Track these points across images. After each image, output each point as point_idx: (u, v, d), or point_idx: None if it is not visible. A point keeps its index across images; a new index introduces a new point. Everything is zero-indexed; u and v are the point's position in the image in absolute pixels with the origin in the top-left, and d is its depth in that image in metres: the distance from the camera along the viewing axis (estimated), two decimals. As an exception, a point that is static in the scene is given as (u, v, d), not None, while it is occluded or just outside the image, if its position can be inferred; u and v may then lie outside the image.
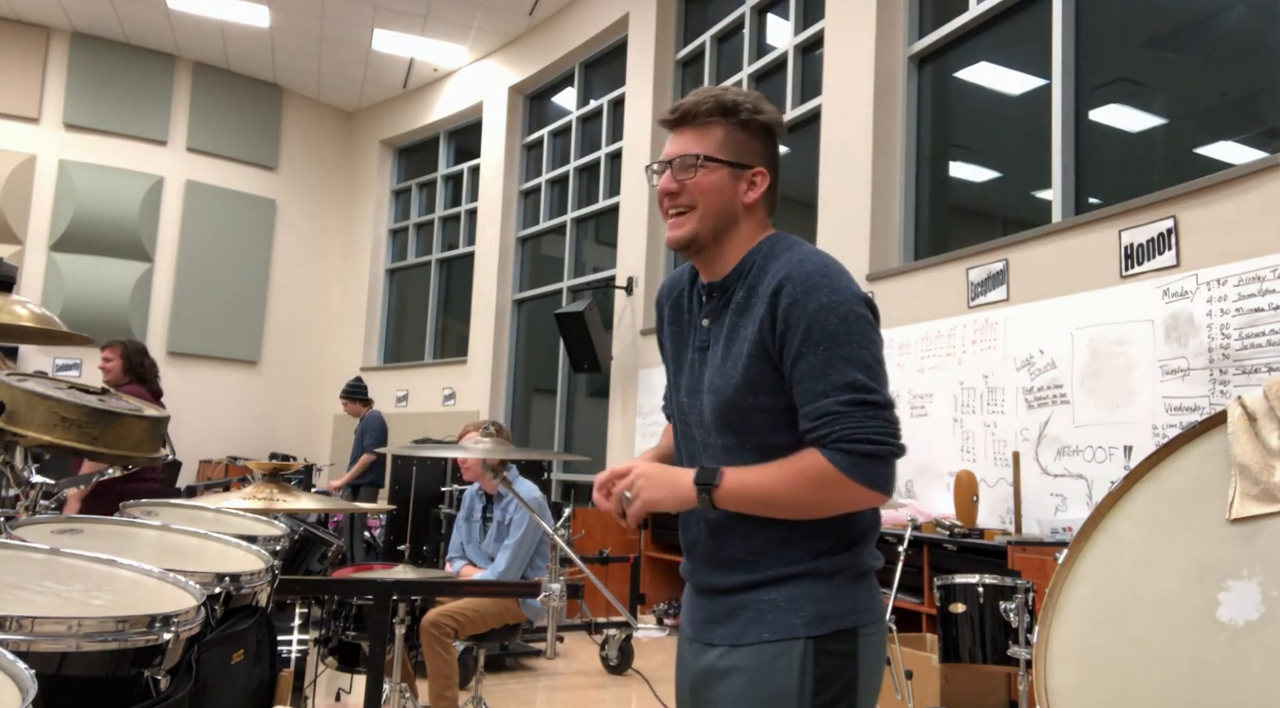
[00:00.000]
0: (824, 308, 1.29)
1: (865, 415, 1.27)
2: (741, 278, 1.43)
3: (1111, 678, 1.27)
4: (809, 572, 1.35)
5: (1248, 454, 1.25)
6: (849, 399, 1.27)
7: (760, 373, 1.34)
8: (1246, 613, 1.18)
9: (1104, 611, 1.33)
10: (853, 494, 1.28)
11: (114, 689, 1.09)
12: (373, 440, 7.20)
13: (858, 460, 1.26)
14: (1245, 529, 1.23)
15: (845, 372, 1.28)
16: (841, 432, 1.27)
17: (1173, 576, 1.27)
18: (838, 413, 1.27)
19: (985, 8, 5.02)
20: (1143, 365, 3.79)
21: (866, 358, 1.30)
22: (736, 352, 1.37)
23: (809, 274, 1.32)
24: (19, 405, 1.49)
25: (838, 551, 1.37)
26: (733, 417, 1.37)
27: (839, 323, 1.29)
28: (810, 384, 1.29)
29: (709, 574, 1.43)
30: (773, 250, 1.41)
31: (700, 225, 1.41)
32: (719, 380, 1.39)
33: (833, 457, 1.27)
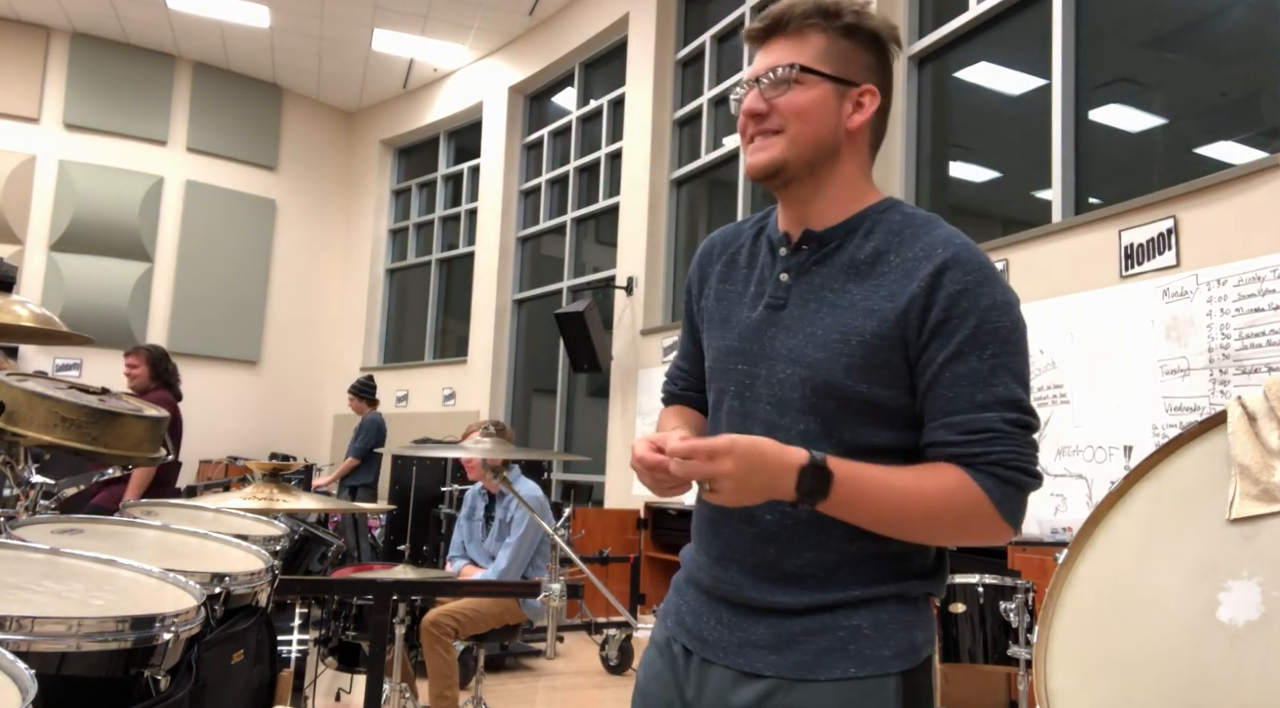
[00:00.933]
0: (999, 307, 1.09)
1: (1026, 441, 1.08)
2: (855, 234, 1.16)
3: (1111, 678, 1.27)
4: (899, 595, 1.13)
5: (1248, 454, 1.24)
6: (1014, 419, 1.08)
7: (884, 359, 1.10)
8: (1246, 613, 1.18)
9: (1104, 611, 1.33)
10: (992, 528, 1.08)
11: (114, 689, 1.09)
12: (363, 444, 7.19)
13: (1011, 492, 1.07)
14: (1245, 529, 1.23)
15: (1012, 386, 1.08)
16: (1003, 455, 1.06)
17: (1173, 576, 1.27)
18: (1001, 433, 1.07)
19: (985, 8, 5.02)
20: (1143, 365, 3.79)
21: (1027, 375, 1.11)
22: (849, 325, 1.11)
23: (981, 264, 1.10)
24: (19, 405, 1.49)
25: (926, 573, 1.17)
26: (829, 402, 1.12)
27: (1010, 328, 1.09)
28: (967, 391, 1.08)
29: (758, 588, 1.15)
30: (910, 218, 1.16)
31: (791, 150, 1.14)
32: (815, 353, 1.12)
33: (986, 482, 1.06)
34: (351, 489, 7.20)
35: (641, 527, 6.45)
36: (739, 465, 1.02)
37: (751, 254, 1.25)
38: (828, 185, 1.17)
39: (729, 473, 1.02)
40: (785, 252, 1.20)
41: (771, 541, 1.14)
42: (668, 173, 7.53)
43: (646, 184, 7.49)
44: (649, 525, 6.44)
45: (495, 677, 4.68)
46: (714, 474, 1.02)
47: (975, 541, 1.11)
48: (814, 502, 1.05)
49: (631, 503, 6.86)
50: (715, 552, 1.20)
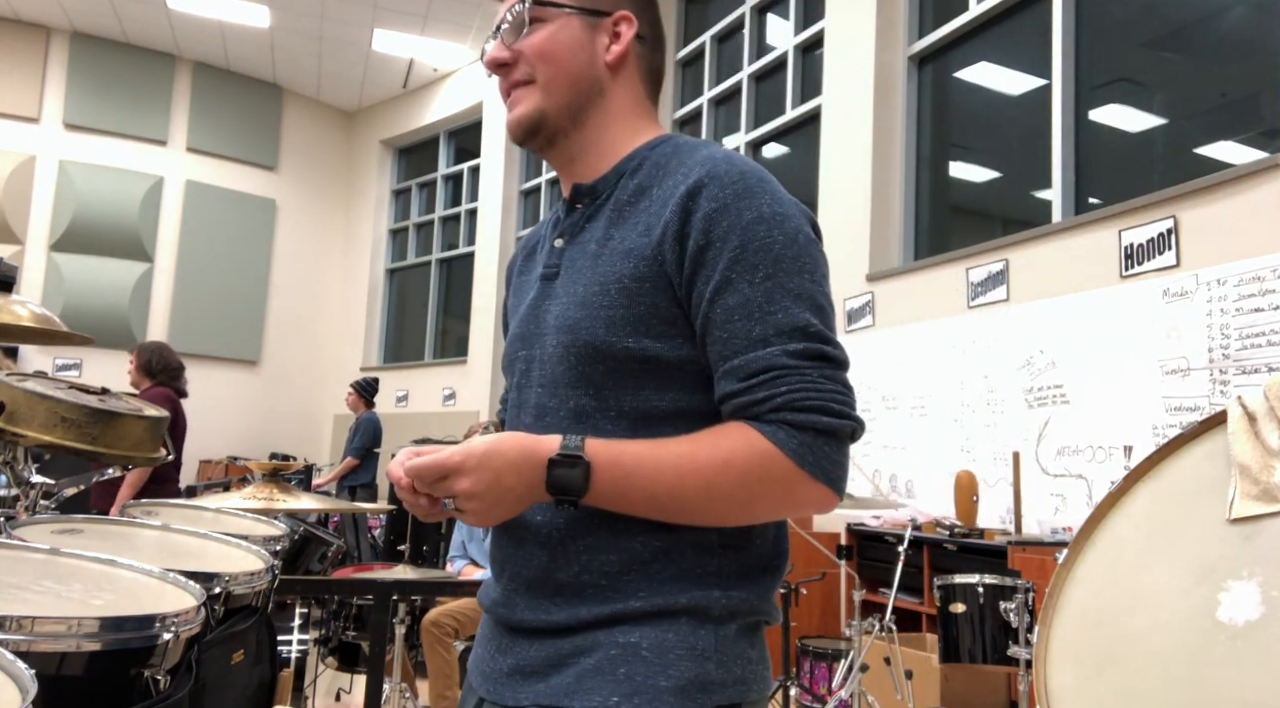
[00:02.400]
0: (765, 220, 0.92)
1: (822, 374, 0.89)
2: (624, 177, 1.02)
3: (1111, 678, 1.27)
4: (691, 609, 0.91)
5: (1248, 454, 1.25)
6: (801, 350, 0.89)
7: (649, 305, 0.93)
8: (1246, 613, 1.18)
9: (1104, 611, 1.33)
10: (796, 490, 0.88)
11: (114, 689, 1.09)
12: (360, 444, 7.20)
13: (812, 440, 0.87)
14: (1245, 529, 1.23)
15: (795, 311, 0.90)
16: (790, 396, 0.87)
17: (1173, 576, 1.28)
18: (786, 369, 0.88)
19: (985, 8, 5.02)
20: (1143, 365, 3.79)
21: (820, 296, 0.93)
22: (608, 271, 0.95)
23: (743, 174, 0.93)
24: (19, 405, 1.49)
25: (734, 581, 0.94)
26: (595, 366, 0.94)
27: (785, 243, 0.91)
28: (741, 326, 0.90)
29: (533, 606, 0.95)
30: (679, 149, 1.00)
31: (546, 99, 1.01)
32: (576, 313, 0.96)
33: (776, 434, 0.87)
34: (350, 489, 7.21)
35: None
36: (477, 480, 0.87)
37: (545, 237, 1.12)
38: (596, 132, 1.04)
39: (469, 491, 0.87)
40: (561, 216, 1.07)
41: (544, 545, 0.95)
42: (668, 173, 7.52)
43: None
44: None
45: (495, 677, 4.68)
46: (453, 494, 0.88)
47: (786, 511, 0.92)
48: (573, 499, 0.88)
49: (631, 503, 6.85)
50: (497, 567, 1.02)
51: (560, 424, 0.95)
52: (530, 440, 0.90)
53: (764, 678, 0.97)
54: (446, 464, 0.88)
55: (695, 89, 7.47)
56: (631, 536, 0.93)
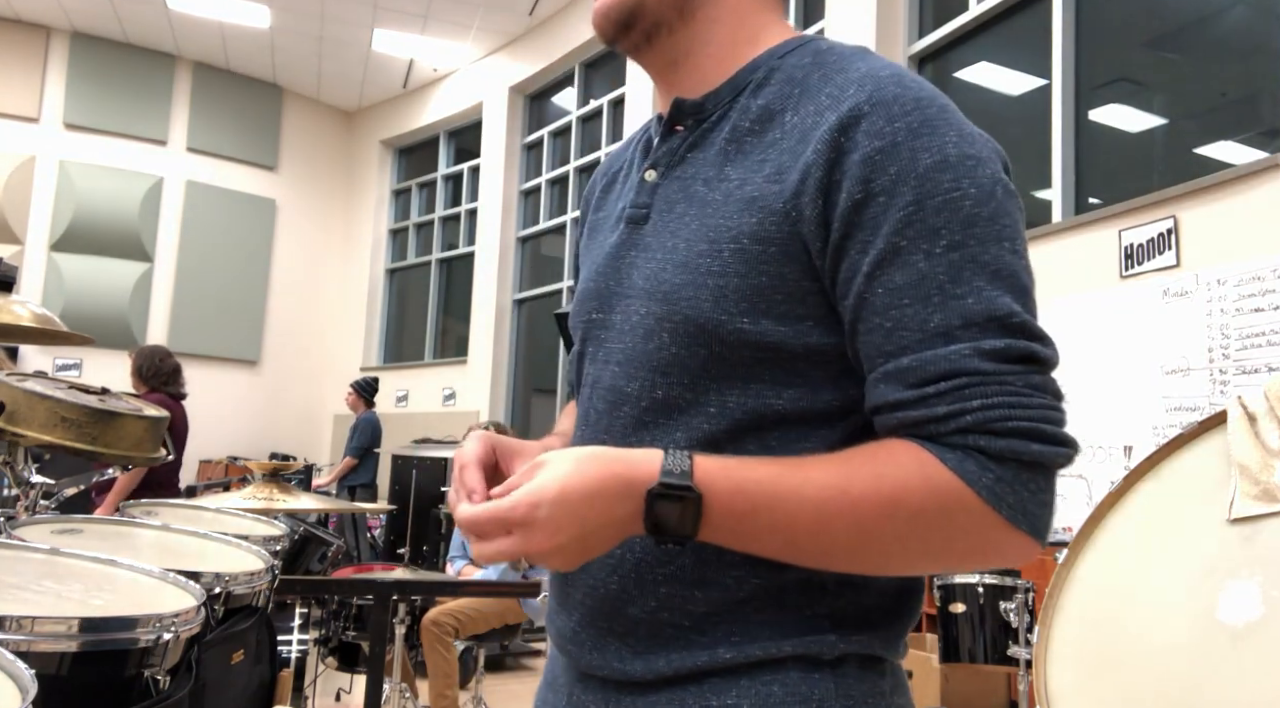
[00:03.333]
0: (950, 165, 0.67)
1: (1029, 383, 0.66)
2: (740, 94, 0.78)
3: (1111, 678, 1.27)
4: (799, 656, 0.71)
5: (1248, 454, 1.24)
6: (1001, 349, 0.65)
7: (774, 276, 0.70)
8: (1246, 613, 1.18)
9: (1104, 610, 1.33)
10: (991, 542, 0.65)
11: (114, 689, 1.09)
12: (359, 443, 7.20)
13: (1014, 475, 0.64)
14: (1245, 529, 1.22)
15: (991, 294, 0.66)
16: (986, 413, 0.64)
17: (1173, 576, 1.27)
18: (980, 376, 0.64)
19: (985, 8, 5.02)
20: (1143, 365, 3.78)
21: (1023, 273, 0.69)
22: (721, 226, 0.72)
23: (918, 100, 0.69)
24: (19, 405, 1.49)
25: (852, 625, 0.73)
26: (696, 349, 0.72)
27: (980, 198, 0.67)
28: (914, 313, 0.66)
29: (599, 647, 0.75)
30: (824, 59, 0.75)
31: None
32: (676, 277, 0.73)
33: (964, 465, 0.64)
34: (350, 489, 7.21)
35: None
36: (554, 532, 0.64)
37: (631, 162, 0.89)
38: (707, 28, 0.79)
39: (546, 550, 0.64)
40: (655, 138, 0.83)
41: (614, 570, 0.74)
42: (668, 173, 7.53)
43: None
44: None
45: (495, 677, 4.68)
46: (526, 554, 0.65)
47: (971, 564, 0.69)
48: (682, 540, 0.66)
49: (631, 503, 6.85)
50: (557, 591, 0.82)
51: (643, 417, 0.74)
52: (620, 462, 0.66)
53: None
54: (511, 517, 0.64)
55: (695, 89, 7.47)
56: (724, 568, 0.71)
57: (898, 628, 0.75)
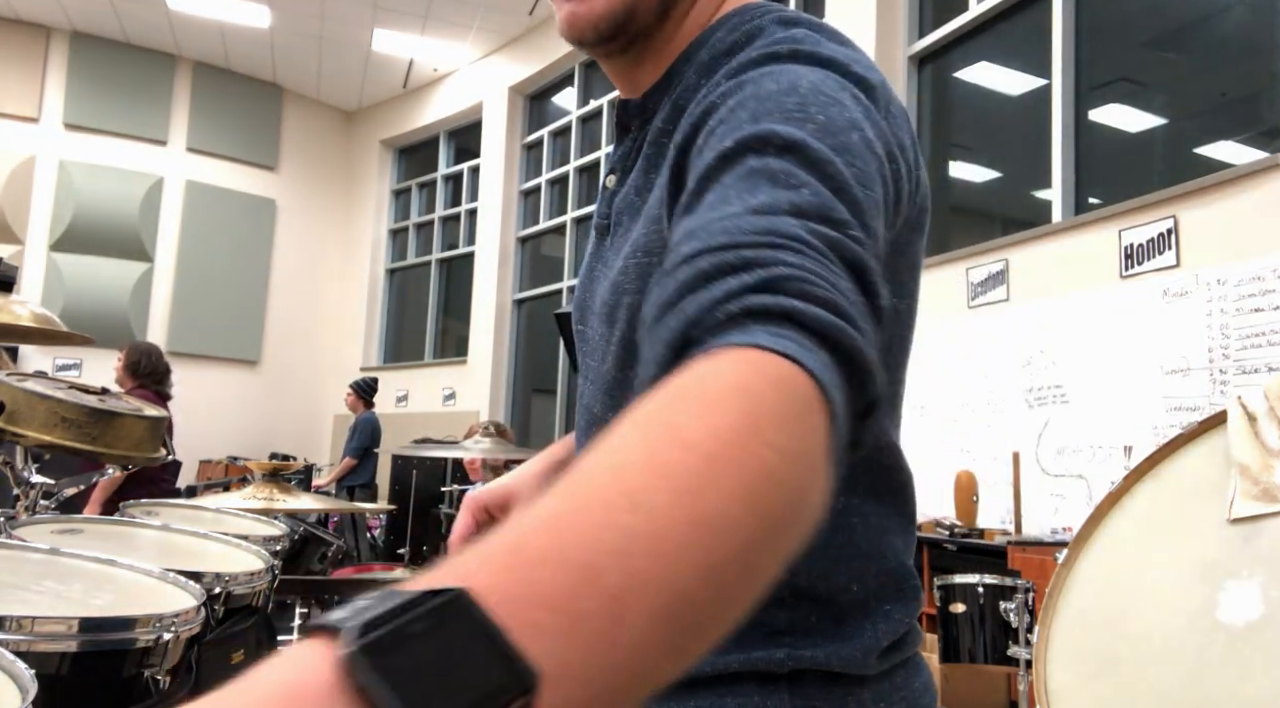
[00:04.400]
0: (772, 74, 0.59)
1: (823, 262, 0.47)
2: (672, 87, 0.72)
3: (1111, 678, 1.27)
4: (752, 671, 0.65)
5: (1248, 454, 1.24)
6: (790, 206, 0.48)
7: None
8: (1246, 613, 1.18)
9: (1104, 611, 1.33)
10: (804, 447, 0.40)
11: (114, 689, 1.09)
12: (358, 444, 7.20)
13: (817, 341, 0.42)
14: (1245, 529, 1.22)
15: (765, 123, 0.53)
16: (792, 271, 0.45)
17: (1173, 576, 1.27)
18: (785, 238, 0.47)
19: (985, 8, 5.02)
20: (1143, 365, 3.79)
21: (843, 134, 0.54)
22: (635, 239, 0.68)
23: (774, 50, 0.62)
24: (19, 405, 1.49)
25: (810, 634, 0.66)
26: (629, 371, 0.67)
27: (779, 91, 0.56)
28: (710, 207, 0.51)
29: None
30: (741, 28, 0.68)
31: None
32: (612, 297, 0.69)
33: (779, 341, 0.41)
34: (349, 489, 7.21)
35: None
36: None
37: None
38: (674, 25, 0.73)
39: None
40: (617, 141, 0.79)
41: None
42: (668, 173, 7.53)
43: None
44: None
45: (495, 677, 4.68)
46: None
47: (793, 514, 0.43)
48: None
49: (631, 503, 6.85)
50: None
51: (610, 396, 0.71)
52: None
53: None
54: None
55: (695, 89, 7.47)
56: None
57: (870, 641, 0.66)
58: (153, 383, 4.24)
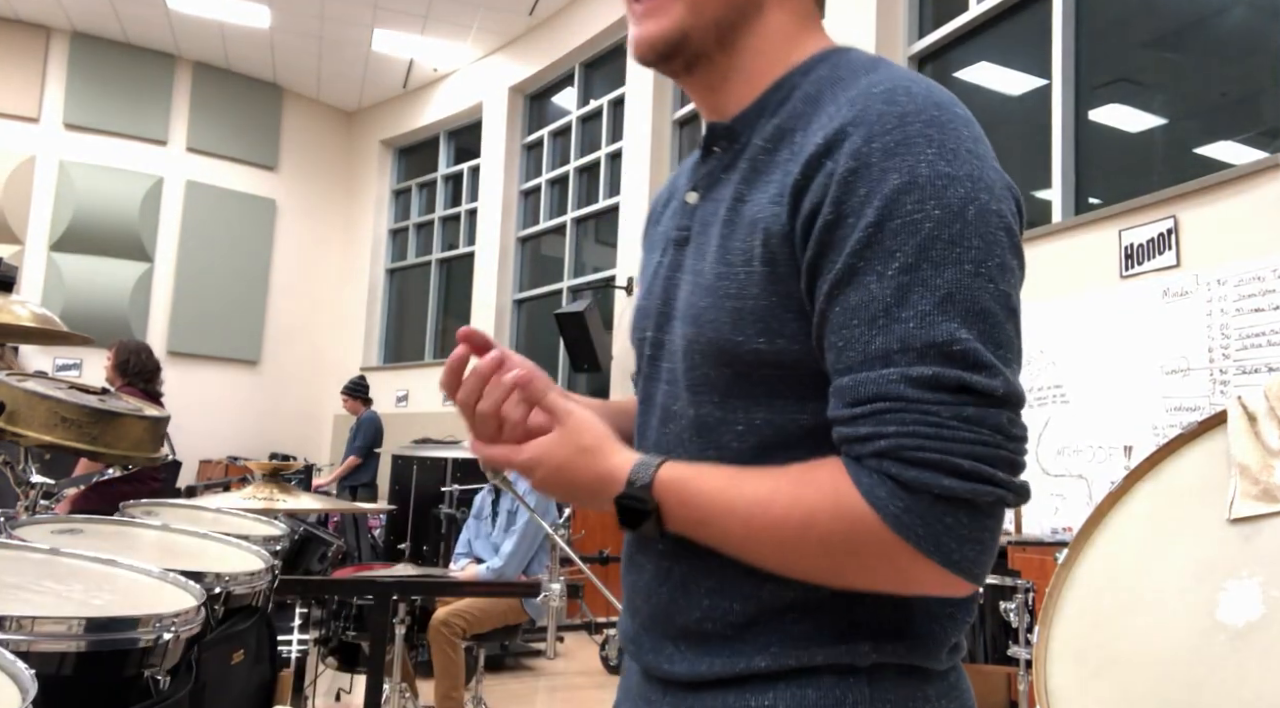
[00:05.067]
0: (917, 186, 0.66)
1: (958, 416, 0.64)
2: (766, 113, 0.79)
3: (1111, 678, 1.27)
4: (834, 666, 0.73)
5: (1248, 454, 1.24)
6: (929, 377, 0.64)
7: (782, 295, 0.72)
8: (1246, 613, 1.18)
9: (1104, 611, 1.33)
10: (902, 570, 0.66)
11: (114, 689, 1.09)
12: (362, 442, 7.20)
13: (926, 507, 0.64)
14: (1245, 529, 1.22)
15: (934, 318, 0.65)
16: (897, 441, 0.64)
17: (1173, 576, 1.27)
18: (901, 402, 0.64)
19: (985, 8, 5.02)
20: (1143, 365, 3.79)
21: (984, 297, 0.66)
22: (736, 248, 0.75)
23: (902, 116, 0.68)
24: (19, 405, 1.49)
25: (890, 635, 0.74)
26: (721, 370, 0.75)
27: (944, 220, 0.66)
28: (859, 334, 0.66)
29: (657, 649, 0.80)
30: (839, 74, 0.76)
31: (692, 14, 0.78)
32: (701, 300, 0.76)
33: (875, 491, 0.65)
34: (351, 489, 7.21)
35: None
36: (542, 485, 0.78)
37: (680, 185, 0.91)
38: (748, 58, 0.81)
39: (535, 485, 0.79)
40: (699, 160, 0.86)
41: (666, 579, 0.79)
42: (668, 173, 7.53)
43: (647, 184, 7.49)
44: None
45: (495, 677, 4.68)
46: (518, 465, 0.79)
47: (894, 588, 0.69)
48: (648, 535, 0.75)
49: (631, 503, 6.85)
50: (626, 595, 0.86)
51: (684, 434, 0.79)
52: (604, 465, 0.75)
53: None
54: (515, 461, 0.78)
55: (695, 89, 7.47)
56: (761, 582, 0.74)
57: (939, 638, 0.75)
58: (141, 381, 4.20)
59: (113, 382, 4.25)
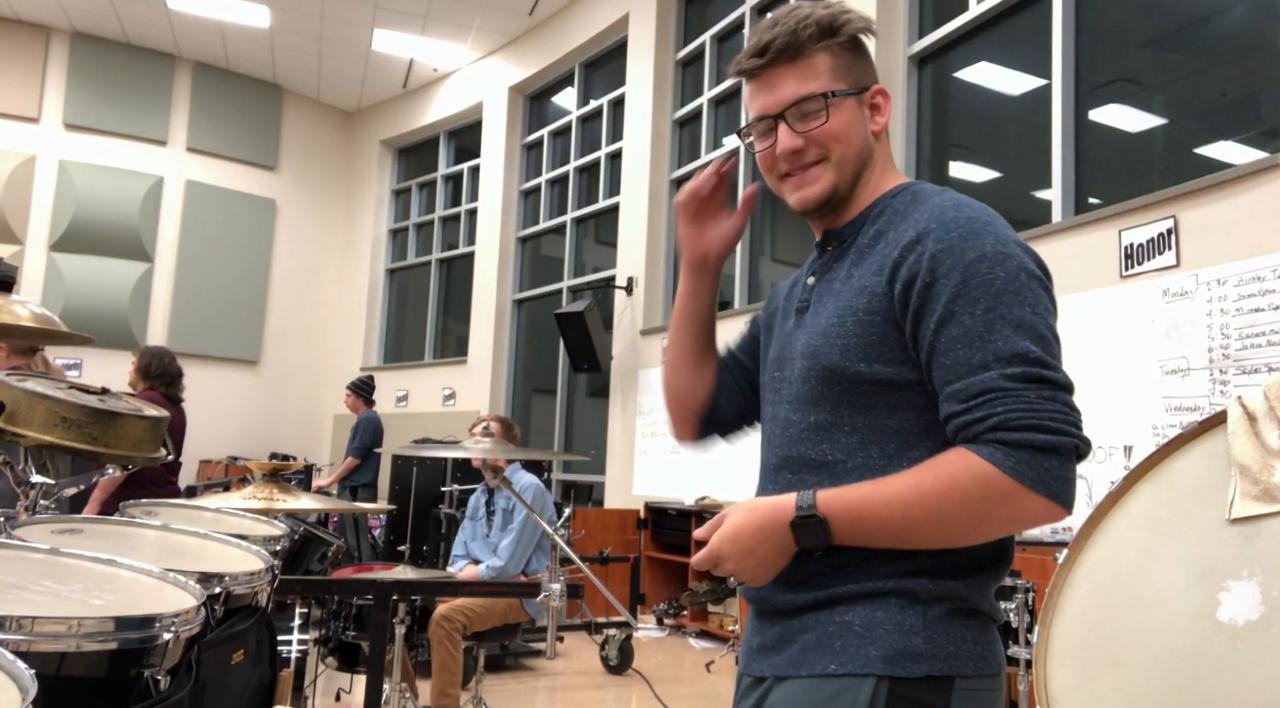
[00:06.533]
0: (987, 258, 1.00)
1: (1039, 395, 0.96)
2: (868, 222, 1.14)
3: (1111, 678, 1.27)
4: (899, 591, 1.03)
5: (1248, 454, 1.24)
6: (1019, 374, 0.96)
7: (880, 334, 1.05)
8: (1246, 613, 1.18)
9: (1104, 611, 1.33)
10: (1021, 506, 0.96)
11: (114, 689, 1.09)
12: (360, 443, 7.20)
13: (1028, 456, 0.94)
14: (1245, 529, 1.22)
15: (1014, 339, 0.98)
16: (1006, 416, 0.95)
17: (1173, 576, 1.27)
18: (1003, 391, 0.96)
19: (985, 8, 5.01)
20: (1143, 365, 3.78)
21: (1041, 327, 1.00)
22: (846, 305, 1.08)
23: (969, 219, 1.03)
24: (19, 405, 1.49)
25: (942, 573, 1.04)
26: (833, 386, 1.07)
27: (1007, 279, 1.00)
28: (963, 353, 0.98)
29: (774, 591, 1.10)
30: (917, 197, 1.11)
31: (839, 175, 1.13)
32: (818, 341, 1.09)
33: (992, 453, 0.95)
34: (351, 489, 7.20)
35: (641, 527, 6.45)
36: (738, 561, 1.06)
37: (800, 276, 1.26)
38: (861, 190, 1.16)
39: (736, 571, 1.07)
40: (814, 257, 1.21)
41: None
42: (668, 173, 7.53)
43: (646, 184, 7.49)
44: (649, 526, 6.44)
45: (495, 677, 4.68)
46: (724, 572, 1.08)
47: (1015, 526, 1.00)
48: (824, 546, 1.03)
49: (631, 503, 6.86)
50: None
51: (802, 435, 1.10)
52: (767, 510, 1.04)
53: (983, 657, 1.06)
54: (713, 556, 1.07)
55: (695, 89, 7.47)
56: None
57: (981, 579, 1.07)
58: (162, 385, 4.26)
59: (135, 386, 4.30)
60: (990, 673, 1.08)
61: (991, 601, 1.09)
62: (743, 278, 6.74)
